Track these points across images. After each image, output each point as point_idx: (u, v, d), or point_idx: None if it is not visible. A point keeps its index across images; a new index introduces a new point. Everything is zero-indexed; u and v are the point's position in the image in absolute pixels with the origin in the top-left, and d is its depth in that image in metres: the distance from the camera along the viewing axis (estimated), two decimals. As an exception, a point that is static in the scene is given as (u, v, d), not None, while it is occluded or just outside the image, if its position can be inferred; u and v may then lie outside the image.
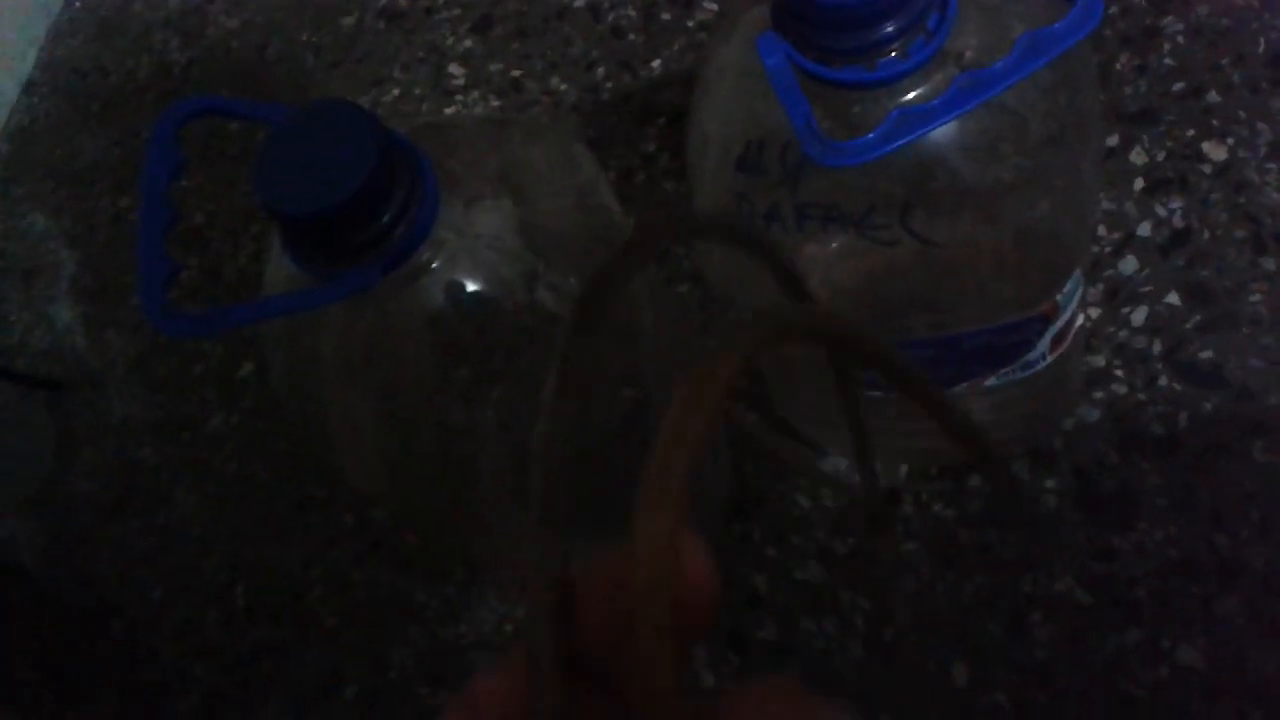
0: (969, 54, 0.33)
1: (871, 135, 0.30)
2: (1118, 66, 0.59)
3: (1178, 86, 0.58)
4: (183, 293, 0.78)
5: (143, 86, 0.93)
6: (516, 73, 0.76)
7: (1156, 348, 0.52)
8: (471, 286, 0.37)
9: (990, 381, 0.44)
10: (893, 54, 0.32)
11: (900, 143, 0.30)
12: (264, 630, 0.64)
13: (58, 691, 0.68)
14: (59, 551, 0.73)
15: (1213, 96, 0.57)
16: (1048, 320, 0.41)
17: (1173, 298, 0.53)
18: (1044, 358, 0.43)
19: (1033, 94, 0.35)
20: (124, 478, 0.73)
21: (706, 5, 0.73)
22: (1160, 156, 0.56)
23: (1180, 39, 0.59)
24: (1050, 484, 0.51)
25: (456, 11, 0.81)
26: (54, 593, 0.71)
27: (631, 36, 0.74)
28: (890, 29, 0.31)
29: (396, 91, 0.80)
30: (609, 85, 0.73)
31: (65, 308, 0.83)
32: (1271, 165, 0.54)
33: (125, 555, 0.70)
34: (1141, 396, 0.52)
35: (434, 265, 0.36)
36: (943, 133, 0.34)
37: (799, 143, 0.31)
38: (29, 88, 0.99)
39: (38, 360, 0.82)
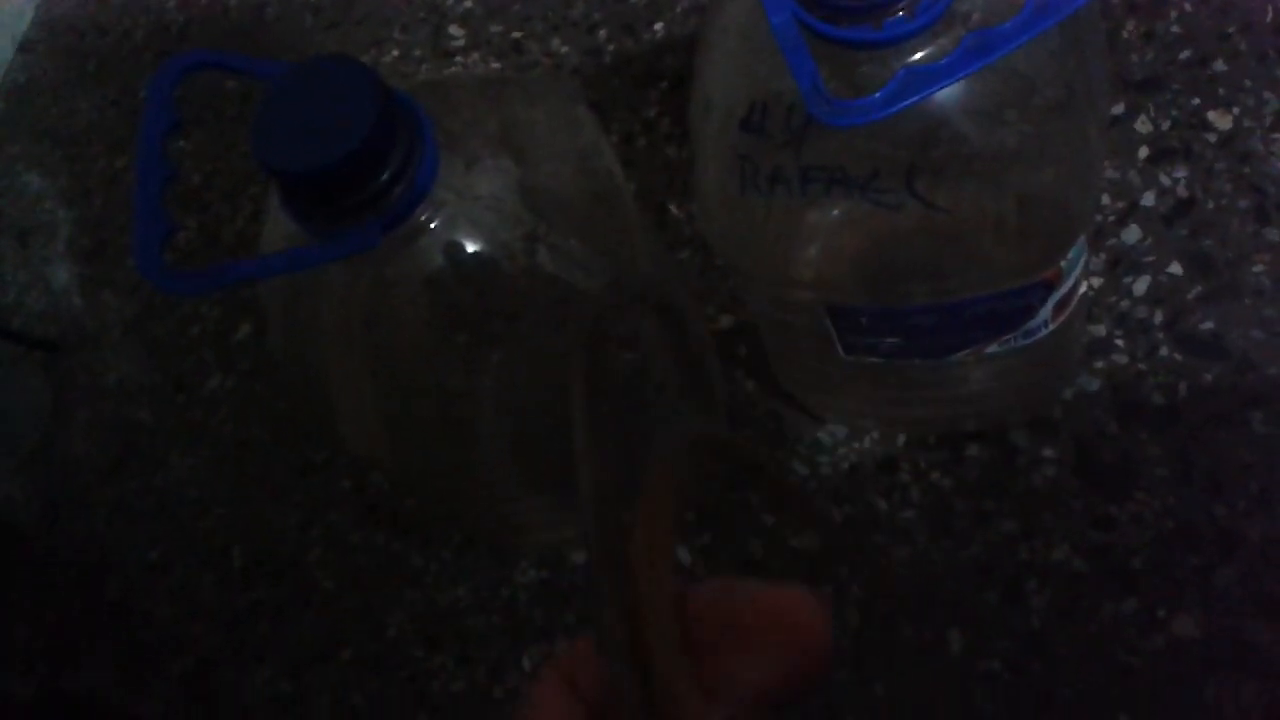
0: (977, 15, 0.33)
1: (878, 95, 0.29)
2: (1124, 34, 0.59)
3: (1184, 55, 0.57)
4: (180, 255, 0.77)
5: (140, 46, 0.92)
6: (517, 34, 0.76)
7: (1158, 318, 0.52)
8: (471, 248, 0.37)
9: (992, 349, 0.44)
10: (900, 13, 0.31)
11: (907, 103, 0.29)
12: (260, 592, 0.64)
13: (53, 651, 0.68)
14: (55, 512, 0.73)
15: (1219, 65, 0.56)
16: (1050, 287, 0.41)
17: (1175, 268, 0.53)
18: (1046, 325, 0.43)
19: (1041, 57, 0.35)
20: (120, 439, 0.73)
21: (709, -32, 0.72)
22: (1165, 125, 0.56)
23: (1188, 7, 0.59)
24: (1049, 453, 0.51)
25: (457, -28, 0.80)
26: (50, 553, 0.71)
27: (633, -1, 0.73)
28: (898, -12, 0.31)
29: (396, 53, 0.79)
30: (611, 48, 0.72)
31: (62, 268, 0.83)
32: (1277, 135, 0.54)
33: (121, 516, 0.70)
34: (1142, 366, 0.52)
35: (433, 226, 0.36)
36: (950, 95, 0.34)
37: (804, 103, 0.30)
38: (25, 46, 0.98)
39: (34, 321, 0.82)
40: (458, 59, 0.76)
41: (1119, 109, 0.57)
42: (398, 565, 0.61)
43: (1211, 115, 0.55)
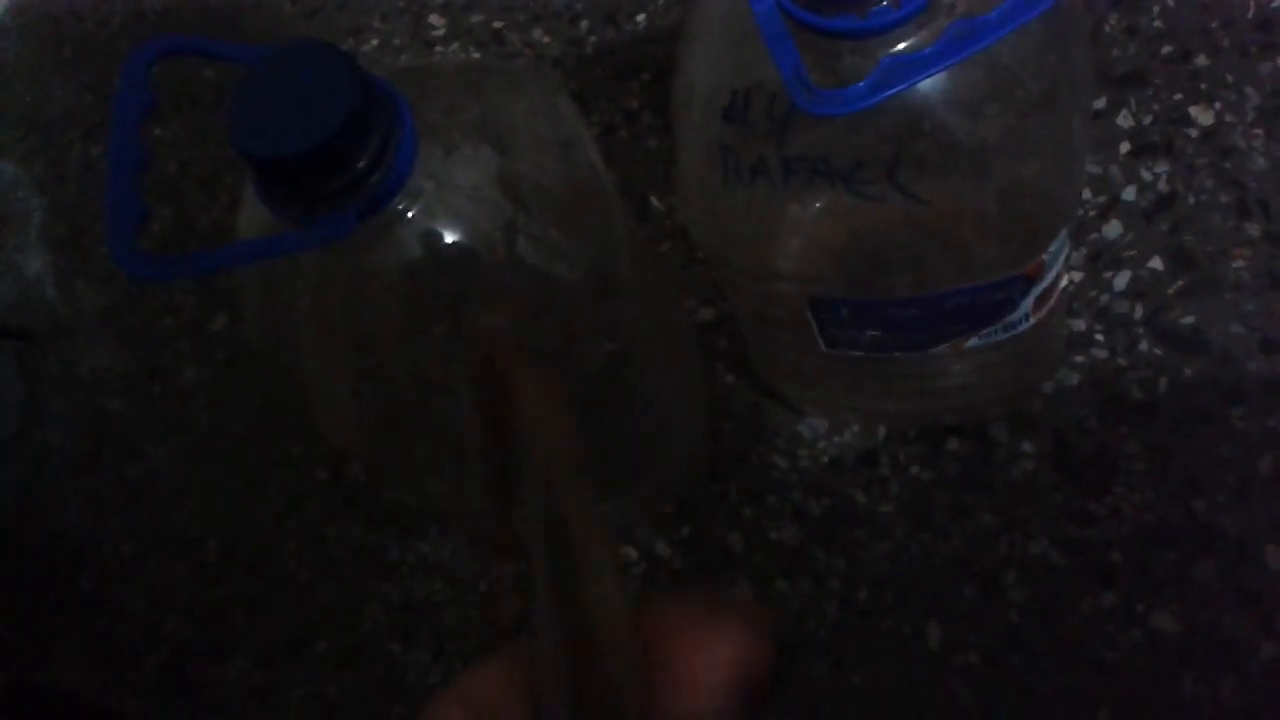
0: (961, 6, 0.33)
1: (861, 84, 0.29)
2: (1107, 28, 0.59)
3: (1166, 50, 0.57)
4: (155, 244, 0.76)
5: (117, 33, 0.91)
6: (498, 24, 0.75)
7: (1138, 312, 0.52)
8: (450, 237, 0.37)
9: (972, 342, 0.44)
10: (884, 3, 0.31)
11: (890, 92, 0.29)
12: (235, 584, 0.63)
13: (25, 644, 0.67)
14: (28, 504, 0.72)
15: (1201, 60, 0.57)
16: (1031, 280, 0.41)
17: (1155, 262, 0.53)
18: (1027, 318, 0.43)
19: (1025, 50, 0.35)
20: (94, 430, 0.72)
21: (692, -41, 0.71)
22: (1147, 120, 0.56)
23: (1170, 2, 0.59)
24: (1028, 447, 0.51)
25: (437, -39, 0.79)
26: (22, 545, 0.71)
27: (615, -10, 0.73)
28: (883, -23, 0.30)
29: (375, 41, 0.78)
30: (592, 39, 0.72)
31: (35, 257, 0.82)
32: (1258, 130, 0.54)
33: (95, 508, 0.69)
34: (1122, 361, 0.52)
35: (411, 214, 0.35)
36: (933, 87, 0.34)
37: (787, 93, 0.30)
38: (0, 32, 0.97)
39: (7, 310, 0.80)
40: (438, 49, 0.76)
41: (1101, 104, 0.57)
42: (374, 558, 0.61)
43: (1193, 110, 0.56)
